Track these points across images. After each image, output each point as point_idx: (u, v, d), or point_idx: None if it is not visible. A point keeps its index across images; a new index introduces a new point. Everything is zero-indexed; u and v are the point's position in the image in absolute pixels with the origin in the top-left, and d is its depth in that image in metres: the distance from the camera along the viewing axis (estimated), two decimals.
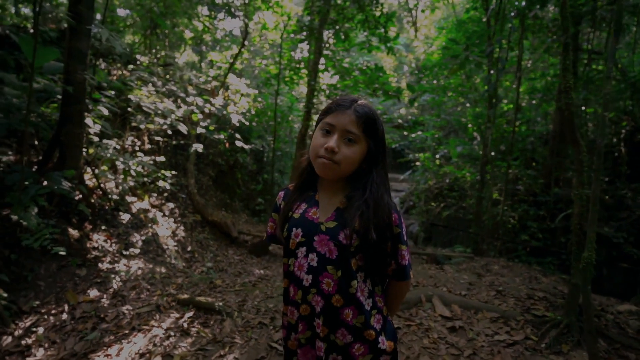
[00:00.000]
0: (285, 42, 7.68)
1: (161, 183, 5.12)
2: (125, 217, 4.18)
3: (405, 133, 11.49)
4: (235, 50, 8.90)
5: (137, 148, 5.30)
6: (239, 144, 6.99)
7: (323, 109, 1.02)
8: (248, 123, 7.78)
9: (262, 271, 4.56)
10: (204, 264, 4.55)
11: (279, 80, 7.41)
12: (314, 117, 7.06)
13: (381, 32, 6.66)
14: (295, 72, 7.91)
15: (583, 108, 6.12)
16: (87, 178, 3.97)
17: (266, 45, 10.43)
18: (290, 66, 7.88)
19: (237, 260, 5.04)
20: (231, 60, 7.96)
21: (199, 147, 5.97)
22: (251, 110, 7.89)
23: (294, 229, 1.01)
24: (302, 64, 7.79)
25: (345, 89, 7.67)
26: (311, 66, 6.79)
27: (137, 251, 3.87)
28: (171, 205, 5.35)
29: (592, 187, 1.90)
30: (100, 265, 3.31)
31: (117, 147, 4.61)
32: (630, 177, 5.83)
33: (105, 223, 3.86)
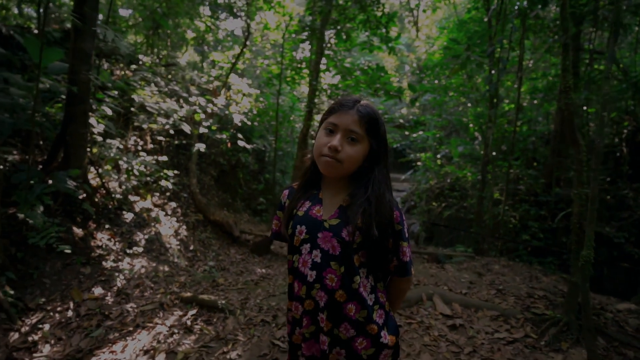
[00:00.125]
0: (287, 42, 7.70)
1: (163, 182, 5.15)
2: (129, 216, 4.22)
3: (406, 133, 11.49)
4: (237, 50, 8.93)
5: (140, 148, 5.33)
6: (241, 143, 7.01)
7: (327, 109, 1.05)
8: (250, 123, 7.80)
9: (263, 270, 4.58)
10: (206, 263, 4.58)
11: (280, 80, 7.44)
12: (316, 117, 7.09)
13: (382, 32, 6.68)
14: (296, 72, 7.94)
15: (585, 108, 6.13)
16: (91, 177, 4.01)
17: (268, 45, 10.45)
18: (291, 66, 7.90)
19: (239, 260, 5.07)
20: (233, 60, 7.99)
21: (201, 146, 6.00)
22: (253, 110, 7.92)
23: (298, 226, 1.04)
24: (304, 64, 7.81)
25: (347, 88, 7.68)
26: (313, 66, 6.81)
27: (140, 250, 3.90)
28: (173, 204, 5.38)
29: (591, 187, 1.92)
30: (104, 263, 3.35)
31: (120, 146, 4.65)
32: (631, 177, 5.83)
33: (108, 222, 3.90)
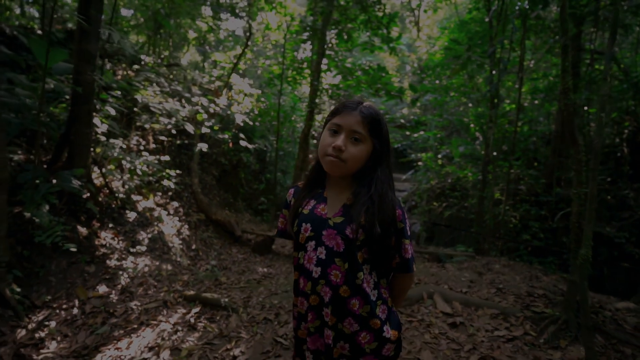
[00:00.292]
0: (288, 42, 7.73)
1: (166, 182, 5.18)
2: (132, 215, 4.25)
3: (407, 133, 11.51)
4: (238, 51, 8.97)
5: (142, 147, 5.37)
6: (242, 143, 7.04)
7: (331, 111, 1.09)
8: (251, 123, 7.83)
9: (265, 269, 4.62)
10: (208, 262, 4.61)
11: (282, 80, 7.47)
12: (317, 117, 7.12)
13: (384, 33, 6.71)
14: (298, 72, 7.96)
15: (585, 108, 6.14)
16: (95, 177, 4.04)
17: (269, 45, 10.48)
18: (293, 66, 7.93)
19: (241, 259, 5.10)
20: (235, 61, 8.03)
21: (203, 146, 6.04)
22: (254, 110, 7.95)
23: (304, 224, 1.07)
24: (305, 64, 7.84)
25: (348, 89, 7.71)
26: (314, 66, 6.84)
27: (143, 249, 3.94)
28: (176, 204, 5.42)
29: (590, 186, 1.95)
30: (108, 262, 3.39)
31: (123, 146, 4.68)
32: (632, 177, 5.84)
33: (112, 221, 3.93)
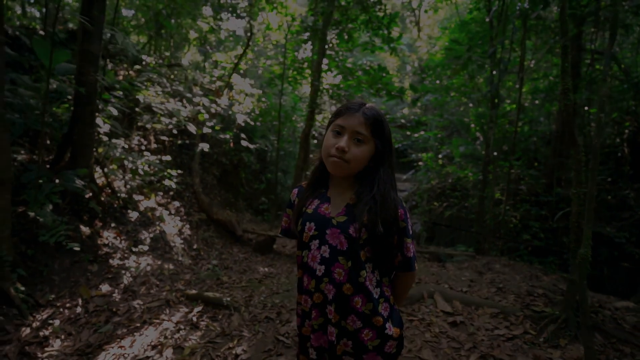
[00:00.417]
0: (289, 42, 7.75)
1: (167, 182, 5.20)
2: (134, 215, 4.28)
3: (408, 133, 11.53)
4: (239, 51, 8.98)
5: (144, 147, 5.39)
6: (243, 143, 7.06)
7: (334, 112, 1.11)
8: (252, 123, 7.85)
9: (266, 269, 4.64)
10: (210, 262, 4.64)
11: (282, 80, 7.49)
12: (317, 117, 7.14)
13: (384, 33, 6.73)
14: (298, 72, 7.98)
15: (586, 108, 6.15)
16: (97, 177, 4.06)
17: (270, 45, 10.50)
18: (293, 66, 7.95)
19: (242, 258, 5.12)
20: (235, 61, 8.04)
21: (204, 146, 6.06)
22: (255, 110, 7.96)
23: (308, 223, 1.09)
24: (306, 64, 7.86)
25: (349, 89, 7.73)
26: (315, 66, 6.85)
27: (145, 248, 3.96)
28: (177, 203, 5.44)
29: (589, 186, 1.97)
30: (111, 261, 3.41)
31: (125, 146, 4.71)
32: (632, 178, 5.85)
33: (114, 220, 3.96)
